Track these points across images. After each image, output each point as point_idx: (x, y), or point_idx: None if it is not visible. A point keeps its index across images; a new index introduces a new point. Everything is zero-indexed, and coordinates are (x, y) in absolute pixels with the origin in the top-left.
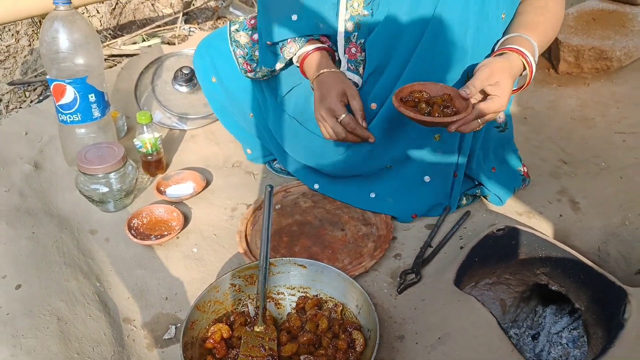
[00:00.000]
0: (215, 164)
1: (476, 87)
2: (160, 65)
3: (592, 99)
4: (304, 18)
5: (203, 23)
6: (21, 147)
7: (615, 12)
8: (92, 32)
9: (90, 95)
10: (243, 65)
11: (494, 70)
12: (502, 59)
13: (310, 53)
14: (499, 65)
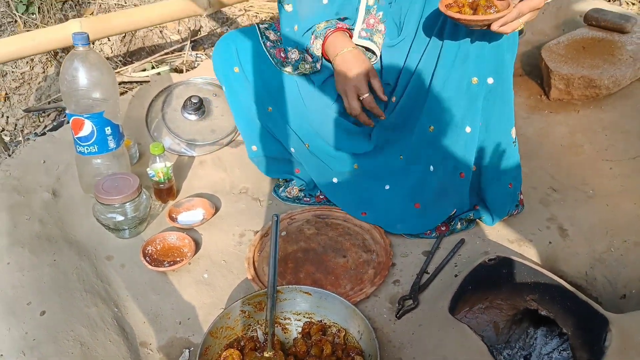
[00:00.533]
0: (223, 190)
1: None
2: (170, 94)
3: (582, 126)
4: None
5: (209, 49)
6: (40, 176)
7: (604, 40)
8: (108, 70)
9: (107, 128)
10: (277, 57)
11: None
12: None
13: (333, 31)
14: None
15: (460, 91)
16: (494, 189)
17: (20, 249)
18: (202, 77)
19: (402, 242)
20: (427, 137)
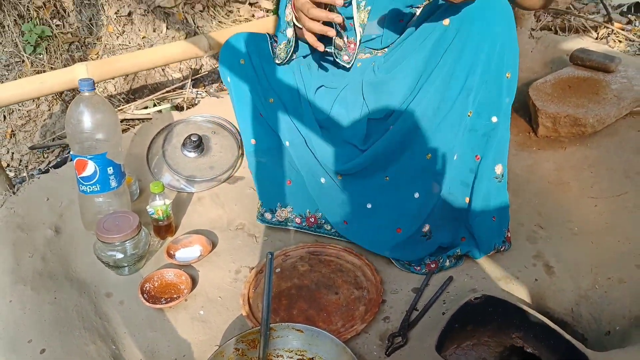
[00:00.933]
0: (220, 226)
1: None
2: (171, 132)
3: (568, 163)
4: None
5: (209, 85)
6: (43, 213)
7: (589, 79)
8: (112, 112)
9: (109, 168)
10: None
11: None
12: None
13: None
14: None
15: (461, 124)
16: (481, 221)
17: (23, 286)
18: (202, 115)
19: (392, 279)
20: (421, 164)
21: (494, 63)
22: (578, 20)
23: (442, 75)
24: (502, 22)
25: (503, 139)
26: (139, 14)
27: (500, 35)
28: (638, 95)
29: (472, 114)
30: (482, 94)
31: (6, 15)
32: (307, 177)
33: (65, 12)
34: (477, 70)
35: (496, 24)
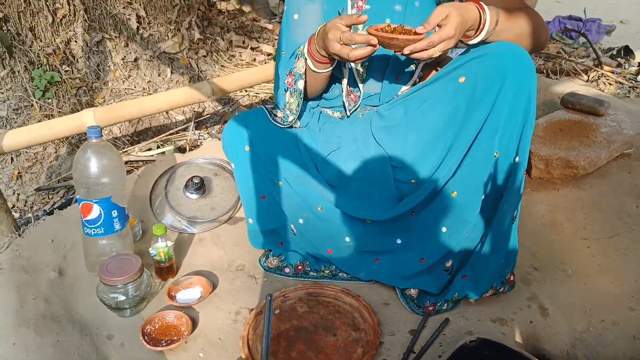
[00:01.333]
0: (221, 267)
1: (431, 24)
2: (173, 173)
3: (561, 205)
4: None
5: (211, 127)
6: (47, 255)
7: (580, 122)
8: (117, 158)
9: (113, 211)
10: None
11: (445, 6)
12: (457, 1)
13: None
14: (452, 3)
15: (487, 163)
16: (490, 261)
17: (26, 329)
18: (204, 157)
19: (389, 321)
20: (448, 201)
21: (522, 109)
22: (569, 63)
23: (472, 130)
24: (524, 73)
25: (521, 178)
26: (144, 60)
27: (526, 83)
28: (627, 138)
29: (498, 155)
30: (509, 136)
31: (17, 62)
32: (321, 247)
33: (74, 58)
34: (502, 116)
35: (519, 77)
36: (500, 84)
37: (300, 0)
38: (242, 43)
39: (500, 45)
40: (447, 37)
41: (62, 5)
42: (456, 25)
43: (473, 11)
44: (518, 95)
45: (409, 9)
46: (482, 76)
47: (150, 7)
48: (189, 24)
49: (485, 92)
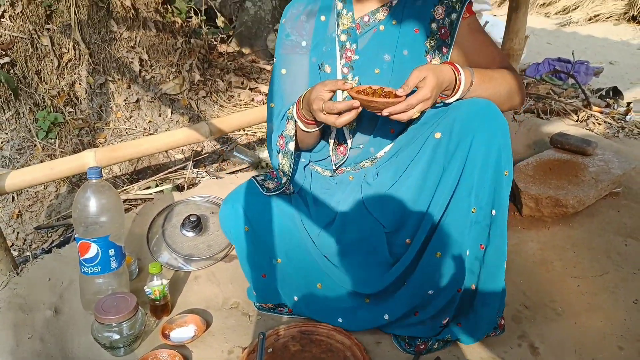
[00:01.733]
0: (215, 305)
1: (409, 86)
2: (171, 212)
3: (552, 243)
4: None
5: (210, 165)
6: (44, 293)
7: (569, 162)
8: (117, 198)
9: (110, 250)
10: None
11: (422, 69)
12: (433, 64)
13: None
14: (428, 66)
15: (466, 220)
16: (485, 309)
17: None
18: (201, 196)
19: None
20: (433, 263)
21: (492, 166)
22: (559, 104)
23: (447, 184)
24: (494, 128)
25: (502, 229)
26: (146, 101)
27: (495, 141)
28: (615, 178)
29: (475, 211)
30: (483, 191)
31: (22, 104)
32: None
33: (78, 100)
34: (475, 171)
35: (489, 132)
36: (470, 141)
37: (287, 54)
38: (241, 84)
39: (472, 103)
40: (424, 98)
41: (68, 50)
42: (432, 87)
43: (448, 73)
44: (488, 151)
45: (398, 58)
46: (455, 133)
47: (153, 50)
48: (190, 66)
49: (457, 149)
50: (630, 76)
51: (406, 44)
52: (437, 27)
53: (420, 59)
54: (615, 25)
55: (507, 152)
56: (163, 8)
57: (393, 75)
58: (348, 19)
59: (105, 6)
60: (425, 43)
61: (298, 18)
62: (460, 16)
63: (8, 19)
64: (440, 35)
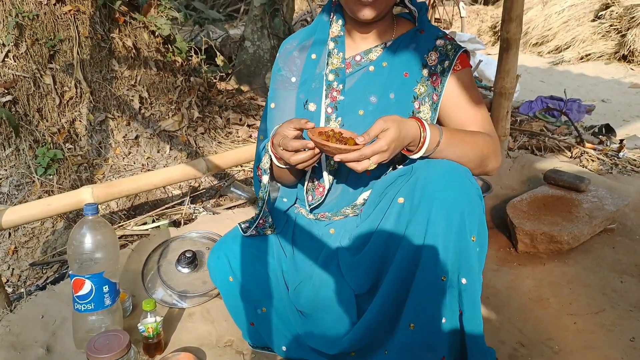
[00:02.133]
0: (209, 343)
1: (370, 135)
2: (167, 247)
3: (548, 279)
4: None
5: (207, 201)
6: (37, 331)
7: (563, 198)
8: (112, 234)
9: (105, 287)
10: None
11: (387, 120)
12: (399, 116)
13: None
14: (394, 118)
15: (437, 289)
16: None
17: None
18: (198, 232)
19: None
20: (408, 335)
21: (455, 231)
22: (552, 141)
23: (411, 250)
24: (456, 193)
25: (475, 297)
26: (145, 137)
27: (456, 205)
28: (608, 214)
29: (445, 279)
30: (450, 259)
31: (22, 141)
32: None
33: (77, 136)
34: (438, 238)
35: (450, 196)
36: (429, 208)
37: (278, 88)
38: (239, 120)
39: (434, 166)
40: (380, 150)
41: (69, 88)
42: (390, 140)
43: (413, 128)
44: (449, 217)
45: (383, 101)
46: (416, 198)
47: (153, 88)
48: (189, 103)
49: (418, 216)
50: (623, 114)
51: (394, 87)
52: (429, 74)
53: (406, 104)
54: (606, 64)
55: (473, 217)
56: (164, 48)
57: (375, 118)
58: (338, 59)
59: (107, 46)
60: (415, 89)
61: (290, 54)
62: (452, 65)
63: (12, 59)
64: (432, 82)
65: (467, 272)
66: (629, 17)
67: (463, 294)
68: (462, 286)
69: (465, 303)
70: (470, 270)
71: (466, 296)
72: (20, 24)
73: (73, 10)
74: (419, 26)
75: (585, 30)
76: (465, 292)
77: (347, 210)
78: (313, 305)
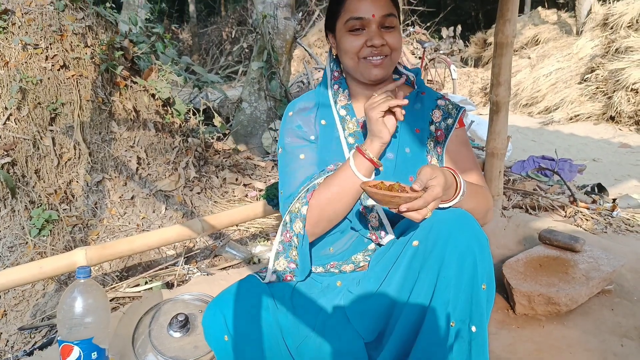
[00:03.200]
0: None
1: (423, 182)
2: (159, 310)
3: (547, 343)
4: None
5: (201, 261)
6: None
7: (558, 258)
8: (103, 298)
9: (93, 353)
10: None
11: (434, 169)
12: (438, 166)
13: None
14: (434, 166)
15: (446, 334)
16: None
17: None
18: (191, 294)
19: None
20: None
21: (467, 277)
22: (546, 200)
23: (422, 294)
24: (470, 239)
25: (484, 347)
26: (141, 197)
27: (470, 251)
28: (605, 275)
29: (454, 324)
30: (460, 305)
31: (18, 202)
32: None
33: (74, 197)
34: (450, 282)
35: (464, 242)
36: (443, 251)
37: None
38: (235, 180)
39: (450, 212)
40: (437, 197)
41: (68, 149)
42: (443, 186)
43: (450, 176)
44: (462, 260)
45: (401, 156)
46: (430, 242)
47: (151, 149)
48: (186, 163)
49: (432, 259)
50: (614, 173)
51: (408, 143)
52: (435, 129)
53: (422, 157)
54: (595, 124)
55: (484, 265)
56: (163, 110)
57: (396, 173)
58: (353, 124)
59: (107, 109)
60: (427, 143)
61: (307, 114)
62: (456, 121)
63: (13, 122)
64: (437, 137)
65: (478, 320)
66: (613, 80)
67: (473, 343)
68: (472, 334)
69: (474, 351)
70: (481, 318)
71: (475, 345)
72: (23, 88)
73: (76, 75)
74: (419, 88)
75: (572, 92)
76: (474, 341)
77: (358, 256)
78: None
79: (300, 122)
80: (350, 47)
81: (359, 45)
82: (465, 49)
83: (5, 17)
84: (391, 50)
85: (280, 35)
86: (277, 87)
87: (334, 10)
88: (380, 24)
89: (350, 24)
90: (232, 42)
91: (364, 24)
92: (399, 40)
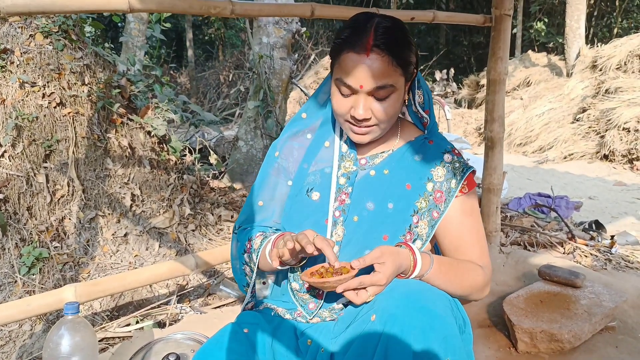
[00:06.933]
0: None
1: (365, 262)
2: (149, 351)
3: None
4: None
5: (194, 300)
6: None
7: (559, 294)
8: (91, 337)
9: None
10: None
11: (384, 252)
12: (394, 247)
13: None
14: (390, 250)
15: None
16: None
17: None
18: (183, 333)
19: None
20: None
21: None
22: (544, 236)
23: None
24: (419, 325)
25: None
26: (134, 235)
27: (414, 336)
28: (608, 311)
29: None
30: None
31: (9, 239)
32: None
33: (65, 234)
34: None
35: (410, 326)
36: (389, 332)
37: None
38: (230, 217)
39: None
40: (378, 283)
41: (62, 186)
42: (388, 275)
43: (406, 261)
44: (404, 345)
45: (380, 209)
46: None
47: (146, 186)
48: (181, 200)
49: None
50: (610, 210)
51: (394, 198)
52: (433, 189)
53: (405, 217)
54: (589, 163)
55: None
56: (159, 147)
57: (371, 227)
58: (350, 162)
59: (103, 146)
60: (416, 202)
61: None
62: (459, 186)
63: (7, 159)
64: (435, 199)
65: None
66: (605, 119)
67: None
68: None
69: None
70: None
71: None
72: (19, 125)
73: (72, 112)
74: (427, 135)
75: (566, 132)
76: None
77: (325, 313)
78: None
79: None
80: (337, 107)
81: (346, 108)
82: (458, 91)
83: (5, 56)
84: (378, 122)
85: (276, 75)
86: (273, 125)
87: (332, 55)
88: (371, 94)
89: (338, 84)
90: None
91: (351, 91)
92: (390, 111)
